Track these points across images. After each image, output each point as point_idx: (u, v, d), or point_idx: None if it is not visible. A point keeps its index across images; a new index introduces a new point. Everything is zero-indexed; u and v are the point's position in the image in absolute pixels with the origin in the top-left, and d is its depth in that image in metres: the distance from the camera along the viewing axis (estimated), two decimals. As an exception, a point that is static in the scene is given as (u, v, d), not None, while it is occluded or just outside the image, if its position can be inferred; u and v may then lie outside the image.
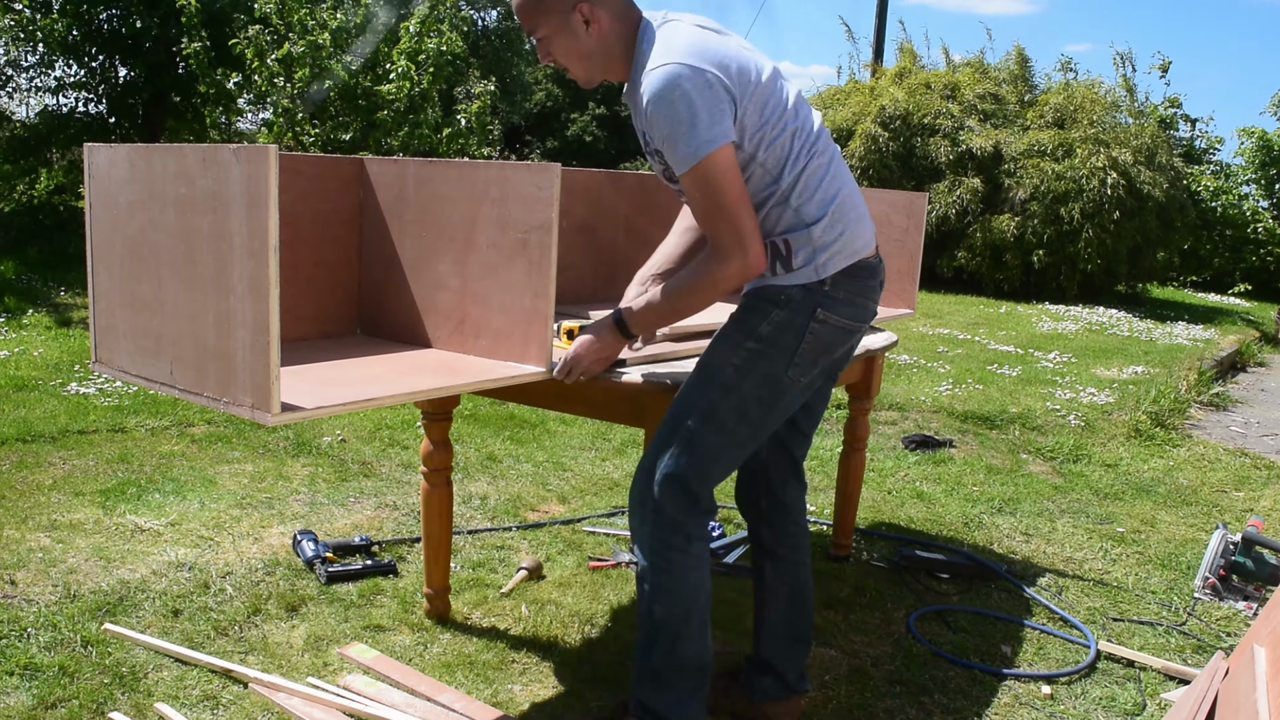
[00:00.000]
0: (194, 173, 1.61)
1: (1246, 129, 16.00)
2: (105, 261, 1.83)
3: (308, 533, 2.98)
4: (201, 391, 1.65)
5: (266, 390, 1.52)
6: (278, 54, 8.28)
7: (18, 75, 11.20)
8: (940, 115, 11.97)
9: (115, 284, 1.81)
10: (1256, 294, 14.80)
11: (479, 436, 4.41)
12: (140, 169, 1.72)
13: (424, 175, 2.14)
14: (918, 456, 4.54)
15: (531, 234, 1.94)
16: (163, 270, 1.70)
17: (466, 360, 2.05)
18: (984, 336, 8.10)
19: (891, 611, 2.89)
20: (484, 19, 22.71)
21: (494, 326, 2.03)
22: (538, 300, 1.94)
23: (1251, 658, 2.13)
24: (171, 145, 1.68)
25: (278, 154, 1.50)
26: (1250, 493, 4.39)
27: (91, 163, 1.83)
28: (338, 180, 2.25)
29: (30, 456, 3.73)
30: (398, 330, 2.24)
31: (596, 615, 2.74)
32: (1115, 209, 10.98)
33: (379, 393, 1.73)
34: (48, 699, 2.15)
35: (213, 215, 1.58)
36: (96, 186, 1.82)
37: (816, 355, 1.98)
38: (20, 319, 6.30)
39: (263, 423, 1.56)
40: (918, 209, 3.01)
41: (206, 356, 1.63)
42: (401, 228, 2.19)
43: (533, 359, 1.97)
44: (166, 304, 1.70)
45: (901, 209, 3.06)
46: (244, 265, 1.53)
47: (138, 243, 1.74)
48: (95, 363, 1.90)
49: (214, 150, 1.58)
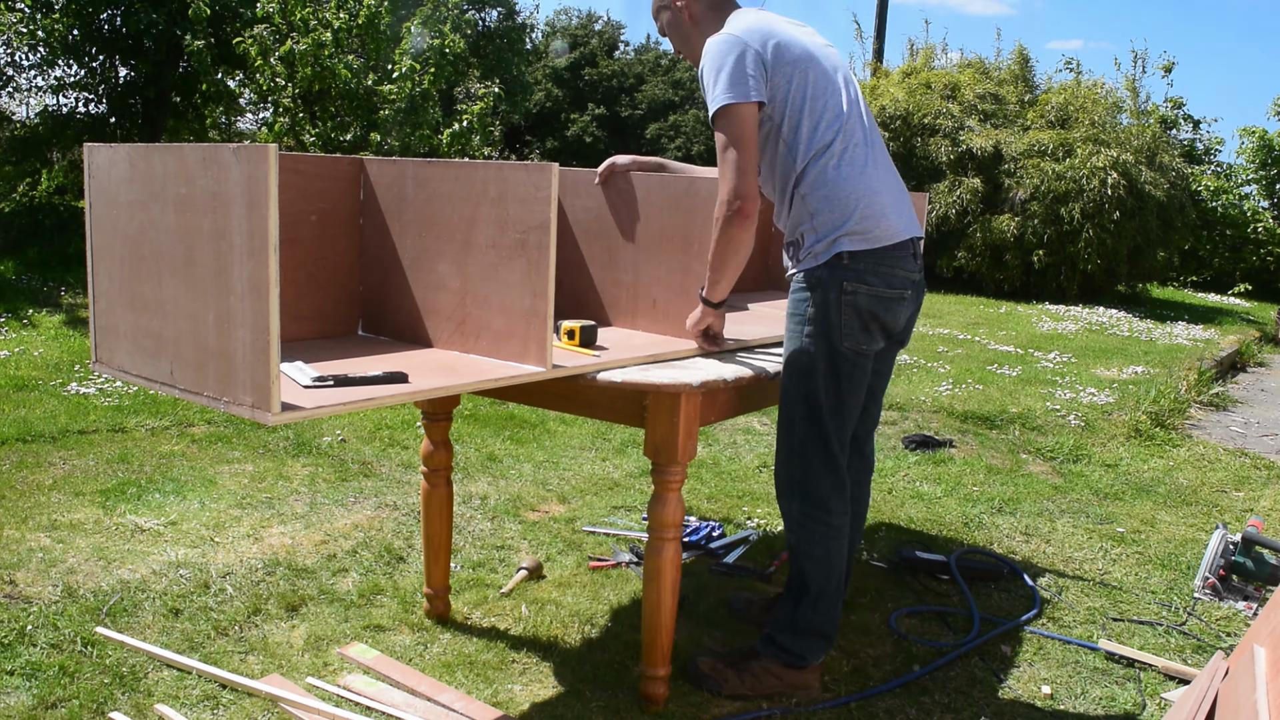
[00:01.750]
0: (194, 172, 1.61)
1: (1247, 129, 16.01)
2: (105, 261, 1.83)
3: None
4: (201, 391, 1.65)
5: (266, 390, 1.52)
6: (280, 51, 8.28)
7: (18, 75, 11.19)
8: (940, 115, 11.97)
9: (115, 284, 1.81)
10: (1256, 294, 14.80)
11: (479, 436, 4.42)
12: (140, 169, 1.72)
13: (423, 175, 2.14)
14: (918, 456, 4.54)
15: (530, 234, 1.94)
16: (163, 270, 1.70)
17: (467, 360, 2.05)
18: (984, 336, 8.10)
19: (892, 611, 2.89)
20: (485, 19, 22.71)
21: (494, 327, 2.03)
22: (536, 300, 1.94)
23: (1251, 658, 2.13)
24: (171, 145, 1.68)
25: (277, 153, 1.50)
26: (1250, 493, 4.39)
27: (92, 163, 1.83)
28: (338, 180, 2.25)
29: (30, 456, 3.73)
30: (399, 330, 2.24)
31: (596, 615, 2.74)
32: (1115, 209, 10.98)
33: (379, 393, 1.73)
34: (48, 699, 2.15)
35: (212, 215, 1.58)
36: (96, 186, 1.82)
37: (865, 323, 2.21)
38: (20, 319, 6.30)
39: (263, 422, 1.56)
40: (918, 209, 3.01)
41: (207, 356, 1.63)
42: (401, 228, 2.20)
43: (532, 359, 1.97)
44: (166, 304, 1.70)
45: None
46: (244, 265, 1.53)
47: (138, 243, 1.74)
48: (95, 363, 1.90)
49: (214, 150, 1.58)
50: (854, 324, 2.19)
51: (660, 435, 2.13)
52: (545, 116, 26.21)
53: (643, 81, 26.43)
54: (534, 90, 24.98)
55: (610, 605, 2.81)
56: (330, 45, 8.37)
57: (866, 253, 2.18)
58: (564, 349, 2.20)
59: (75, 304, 6.98)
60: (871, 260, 2.18)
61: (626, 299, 2.51)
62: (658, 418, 2.12)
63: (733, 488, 3.95)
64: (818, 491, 2.28)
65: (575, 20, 28.68)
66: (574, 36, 27.95)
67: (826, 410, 2.22)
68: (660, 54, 27.31)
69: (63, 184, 11.74)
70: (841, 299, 2.17)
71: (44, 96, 11.22)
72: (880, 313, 2.21)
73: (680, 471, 2.17)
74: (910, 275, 2.26)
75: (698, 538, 3.32)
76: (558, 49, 7.63)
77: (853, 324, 2.19)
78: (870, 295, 2.18)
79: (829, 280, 2.18)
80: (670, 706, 2.30)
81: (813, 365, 2.21)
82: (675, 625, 2.28)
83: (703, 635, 2.66)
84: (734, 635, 2.68)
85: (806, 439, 2.25)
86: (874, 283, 2.19)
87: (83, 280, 7.74)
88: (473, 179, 2.03)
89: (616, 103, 25.98)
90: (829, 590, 2.33)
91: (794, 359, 2.24)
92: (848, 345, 2.20)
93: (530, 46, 24.42)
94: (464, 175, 2.05)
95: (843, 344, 2.20)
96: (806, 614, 2.34)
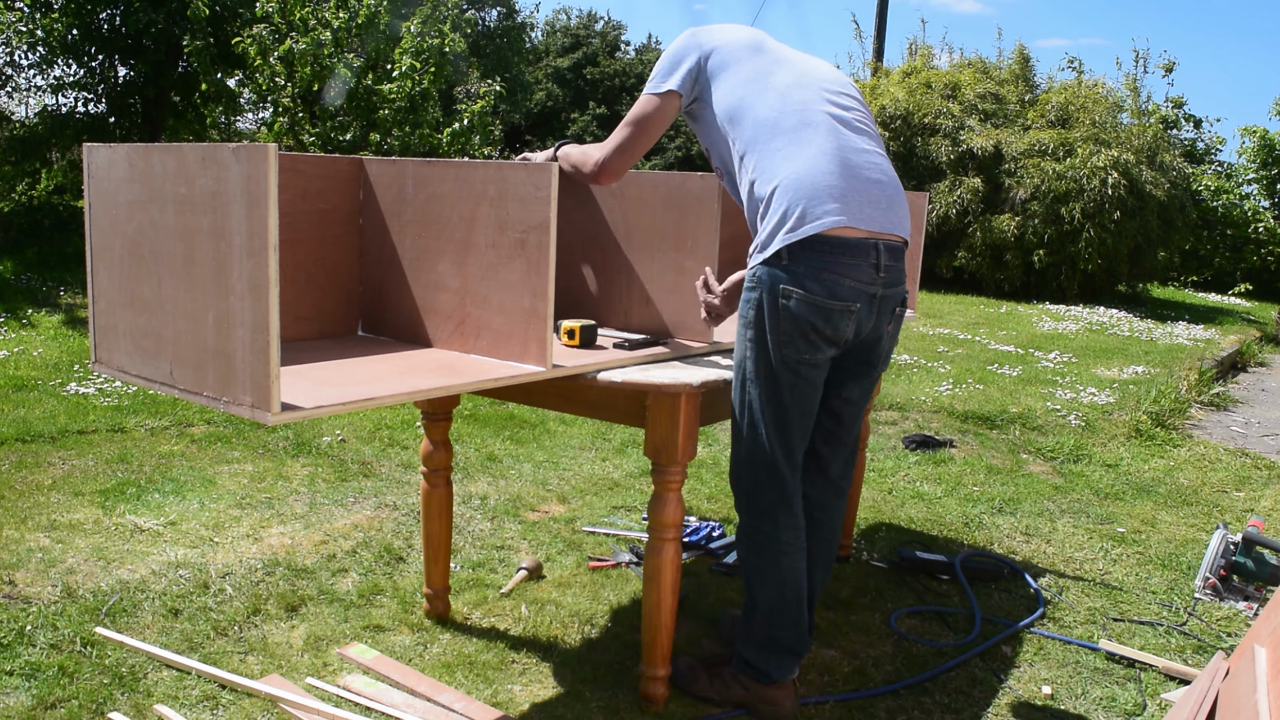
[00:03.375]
0: (193, 172, 1.60)
1: (1248, 128, 16.00)
2: (105, 261, 1.83)
3: None
4: (201, 391, 1.64)
5: (266, 390, 1.52)
6: (279, 51, 8.28)
7: (17, 75, 11.19)
8: (941, 115, 11.97)
9: (115, 284, 1.81)
10: (1257, 294, 14.80)
11: (479, 436, 4.41)
12: (140, 168, 1.72)
13: (423, 175, 2.14)
14: (918, 456, 4.53)
15: (530, 234, 1.93)
16: (162, 270, 1.69)
17: (467, 360, 2.04)
18: (984, 336, 8.10)
19: (892, 612, 2.89)
20: (485, 19, 22.70)
21: (494, 326, 2.03)
22: (536, 300, 1.94)
23: (1252, 658, 2.12)
24: (171, 145, 1.67)
25: (277, 153, 1.50)
26: (1251, 493, 4.38)
27: (91, 162, 1.82)
28: (337, 180, 2.25)
29: (30, 456, 3.72)
30: (398, 330, 2.24)
31: (596, 615, 2.74)
32: (1116, 209, 10.97)
33: (379, 392, 1.73)
34: (47, 699, 2.15)
35: (212, 215, 1.58)
36: (96, 186, 1.82)
37: (803, 331, 2.02)
38: (20, 319, 6.29)
39: (263, 422, 1.55)
40: (918, 209, 3.01)
41: (206, 356, 1.63)
42: (401, 227, 2.19)
43: (533, 359, 1.97)
44: (166, 304, 1.69)
45: None
46: (243, 265, 1.53)
47: (137, 243, 1.74)
48: (95, 363, 1.89)
49: (213, 149, 1.57)
50: (790, 332, 2.02)
51: (660, 435, 2.13)
52: (546, 116, 26.21)
53: (644, 81, 26.44)
54: (535, 90, 24.98)
55: (610, 605, 2.81)
56: (330, 45, 8.36)
57: (808, 253, 1.98)
58: (566, 347, 2.20)
59: (74, 304, 6.98)
60: (814, 263, 1.98)
61: (620, 298, 2.51)
62: (658, 418, 2.12)
63: (729, 489, 3.95)
64: (761, 504, 2.15)
65: (575, 20, 28.68)
66: (575, 36, 27.94)
67: (769, 421, 2.08)
68: (661, 54, 27.34)
69: (62, 184, 11.73)
70: (777, 302, 2.01)
71: (43, 96, 11.22)
72: (824, 325, 2.02)
73: (680, 472, 2.17)
74: (864, 286, 2.02)
75: (698, 538, 3.31)
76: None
77: (789, 332, 2.02)
78: (806, 302, 1.99)
79: (767, 280, 2.02)
80: (670, 707, 2.29)
81: (754, 373, 2.08)
82: (675, 626, 2.28)
83: (702, 635, 2.66)
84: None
85: (753, 450, 2.11)
86: (813, 289, 1.99)
87: (81, 280, 7.74)
88: (472, 179, 2.02)
89: (618, 102, 25.97)
90: (783, 607, 2.20)
91: (738, 366, 2.12)
92: (787, 353, 2.03)
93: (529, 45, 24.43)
94: (464, 175, 2.04)
95: (781, 351, 2.03)
96: (761, 630, 2.24)
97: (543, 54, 26.68)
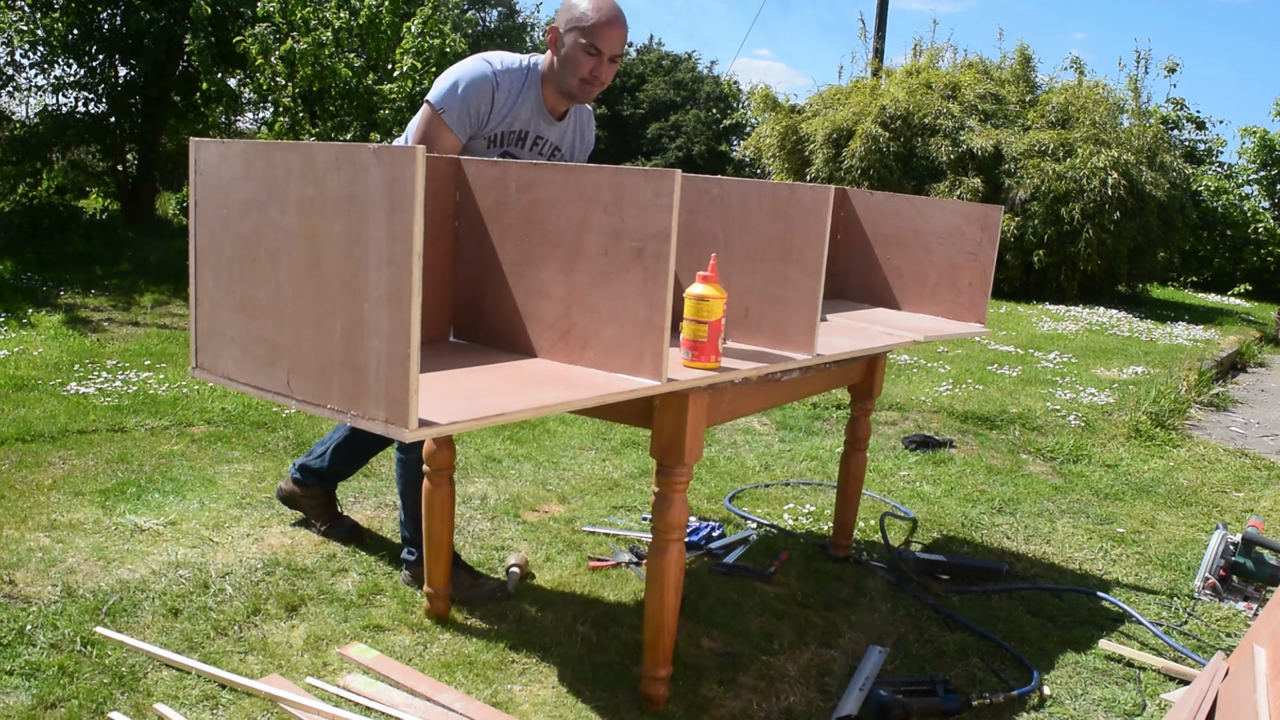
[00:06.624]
0: (324, 173, 1.52)
1: (1248, 129, 15.99)
2: (211, 263, 1.72)
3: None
4: (324, 403, 1.56)
5: (404, 404, 1.43)
6: (280, 50, 8.28)
7: (18, 75, 11.19)
8: (941, 115, 11.96)
9: (223, 286, 1.71)
10: (1257, 294, 14.79)
11: (479, 436, 4.41)
12: (258, 167, 1.63)
13: (527, 178, 2.05)
14: (918, 456, 4.54)
15: (648, 242, 1.86)
16: (281, 274, 1.59)
17: (575, 371, 1.97)
18: (984, 336, 8.10)
19: (891, 612, 2.89)
20: (485, 19, 22.71)
21: (604, 337, 1.95)
22: (654, 311, 1.87)
23: (1252, 658, 2.13)
24: (296, 143, 1.58)
25: (425, 155, 1.42)
26: (1250, 493, 4.39)
27: (198, 159, 1.73)
28: (434, 181, 2.15)
29: (30, 456, 3.72)
30: (495, 338, 2.16)
31: (596, 615, 2.74)
32: (1116, 209, 10.97)
33: (509, 407, 1.66)
34: (47, 699, 2.15)
35: (346, 218, 1.49)
36: (203, 184, 1.72)
37: None
38: (20, 319, 6.29)
39: (398, 439, 1.48)
40: (992, 222, 2.97)
41: (332, 367, 1.54)
42: (502, 232, 2.11)
43: (647, 371, 1.90)
44: (284, 310, 1.60)
45: (975, 221, 3.01)
46: (381, 272, 1.44)
47: (251, 244, 1.64)
48: (195, 369, 1.79)
49: (348, 150, 1.50)
50: None
51: (668, 436, 2.12)
52: (545, 116, 26.17)
53: (644, 81, 26.41)
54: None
55: (610, 605, 2.81)
56: (330, 45, 8.36)
57: None
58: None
59: (74, 304, 6.98)
60: None
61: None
62: (665, 419, 2.10)
63: (732, 488, 3.95)
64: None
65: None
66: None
67: None
68: (662, 54, 27.31)
69: (62, 184, 11.73)
70: None
71: (44, 96, 11.22)
72: None
73: (687, 473, 2.16)
74: None
75: (698, 538, 3.31)
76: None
77: None
78: None
79: None
80: (670, 707, 2.30)
81: None
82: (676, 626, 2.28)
83: (702, 635, 2.66)
84: (733, 636, 2.68)
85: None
86: None
87: (82, 280, 7.75)
88: (584, 183, 1.94)
89: (618, 102, 25.95)
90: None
91: None
92: None
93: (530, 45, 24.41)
94: (574, 179, 1.96)
95: None
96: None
97: (543, 54, 26.67)
